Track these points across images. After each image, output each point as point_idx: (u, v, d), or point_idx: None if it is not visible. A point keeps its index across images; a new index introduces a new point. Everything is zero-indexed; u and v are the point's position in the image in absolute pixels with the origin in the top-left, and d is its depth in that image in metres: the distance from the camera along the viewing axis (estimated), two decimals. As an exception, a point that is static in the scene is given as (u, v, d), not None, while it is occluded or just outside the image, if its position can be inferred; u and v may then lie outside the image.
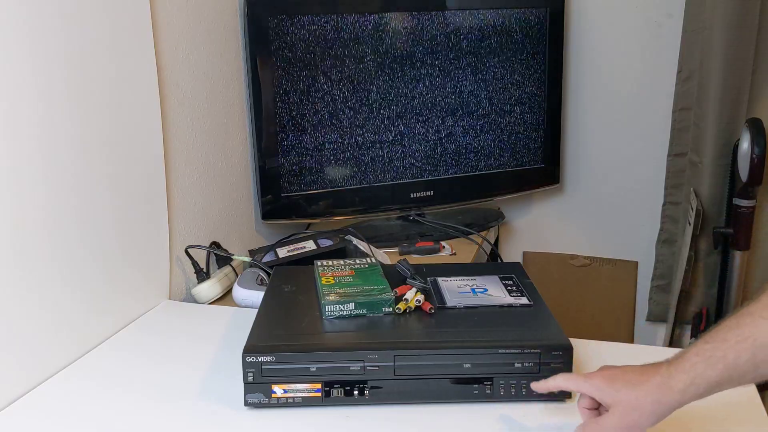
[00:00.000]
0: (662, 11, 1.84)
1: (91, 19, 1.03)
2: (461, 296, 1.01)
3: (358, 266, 1.10)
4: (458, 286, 1.05)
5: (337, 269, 1.09)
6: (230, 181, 1.51)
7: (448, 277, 1.08)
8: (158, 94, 1.20)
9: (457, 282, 1.06)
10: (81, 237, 1.04)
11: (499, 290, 1.04)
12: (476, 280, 1.07)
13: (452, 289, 1.04)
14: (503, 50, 1.71)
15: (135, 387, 0.96)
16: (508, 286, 1.05)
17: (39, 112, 0.95)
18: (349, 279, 1.04)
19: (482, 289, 1.03)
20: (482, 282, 1.07)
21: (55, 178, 0.99)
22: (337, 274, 1.07)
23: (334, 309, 0.96)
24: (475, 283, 1.06)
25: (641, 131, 1.92)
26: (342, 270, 1.09)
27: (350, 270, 1.08)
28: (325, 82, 1.55)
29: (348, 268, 1.10)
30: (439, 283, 1.06)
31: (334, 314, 0.95)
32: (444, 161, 1.71)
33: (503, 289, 1.04)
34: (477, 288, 1.04)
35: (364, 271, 1.08)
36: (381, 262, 1.13)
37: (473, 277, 1.08)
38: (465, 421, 0.86)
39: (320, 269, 1.09)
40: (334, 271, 1.08)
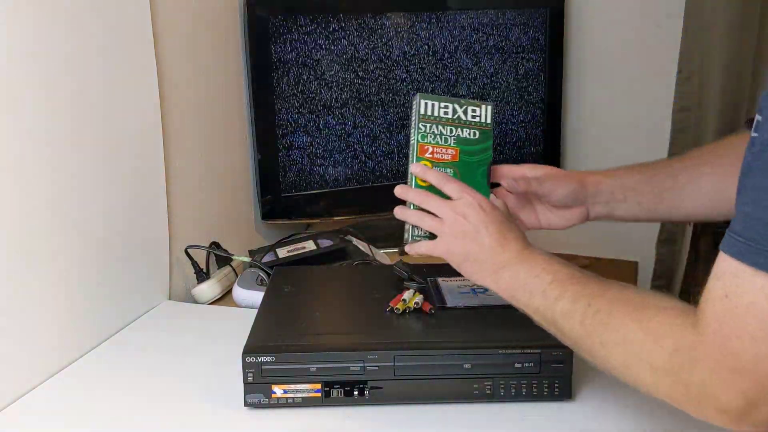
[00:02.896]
0: (662, 11, 1.84)
1: (90, 19, 1.03)
2: (461, 296, 1.01)
3: (464, 134, 0.92)
4: (458, 286, 1.04)
5: (441, 138, 0.90)
6: (230, 181, 1.51)
7: (448, 278, 1.07)
8: (158, 94, 1.20)
9: (457, 282, 1.06)
10: (80, 237, 1.04)
11: None
12: None
13: (452, 290, 1.03)
14: (503, 50, 1.71)
15: (135, 387, 0.96)
16: None
17: (39, 112, 0.95)
18: (450, 172, 0.89)
19: (482, 289, 1.03)
20: None
21: (54, 178, 0.99)
22: (438, 151, 0.89)
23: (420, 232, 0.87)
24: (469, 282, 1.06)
25: (641, 131, 1.92)
26: (444, 140, 0.90)
27: (455, 145, 0.90)
28: (325, 82, 1.55)
29: (454, 138, 0.91)
30: (438, 283, 1.06)
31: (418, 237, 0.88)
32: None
33: None
34: (477, 288, 1.04)
35: (470, 155, 0.91)
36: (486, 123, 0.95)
37: None
38: (465, 421, 0.86)
39: (421, 125, 0.89)
40: (436, 140, 0.90)
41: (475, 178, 0.89)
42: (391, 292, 1.00)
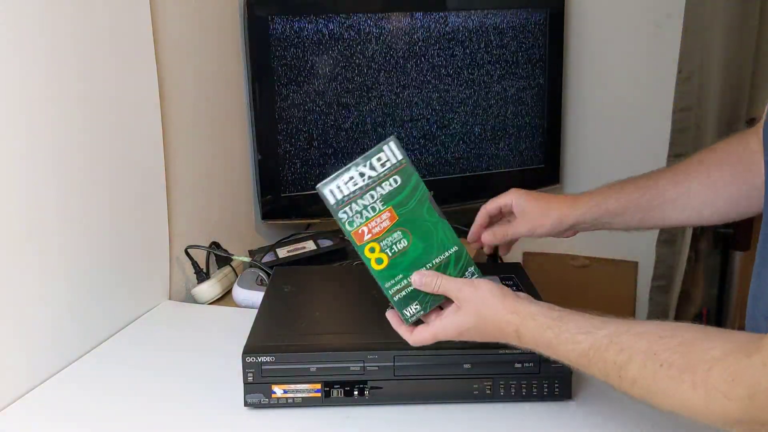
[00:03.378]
0: (662, 11, 1.84)
1: (90, 19, 1.03)
2: None
3: (385, 189, 0.79)
4: None
5: (368, 210, 0.79)
6: (230, 181, 1.51)
7: None
8: (158, 94, 1.20)
9: None
10: (80, 237, 1.04)
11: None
12: None
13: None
14: (503, 50, 1.71)
15: (135, 387, 0.96)
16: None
17: (38, 113, 0.95)
18: (398, 238, 0.79)
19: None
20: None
21: (53, 179, 0.99)
22: (374, 225, 0.79)
23: (414, 310, 0.80)
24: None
25: (641, 131, 1.92)
26: (372, 209, 0.79)
27: (385, 207, 0.79)
28: (325, 82, 1.55)
29: (379, 200, 0.79)
30: None
31: (417, 316, 0.80)
32: (444, 161, 1.71)
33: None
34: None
35: (405, 206, 0.79)
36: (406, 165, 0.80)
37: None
38: (465, 421, 0.86)
39: (341, 214, 0.79)
40: (365, 217, 0.79)
41: (424, 222, 0.79)
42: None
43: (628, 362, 0.65)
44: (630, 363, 0.65)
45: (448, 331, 0.77)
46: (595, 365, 0.68)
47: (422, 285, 0.78)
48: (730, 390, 0.58)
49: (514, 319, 0.73)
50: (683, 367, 0.61)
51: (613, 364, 0.66)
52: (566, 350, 0.70)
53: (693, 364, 0.60)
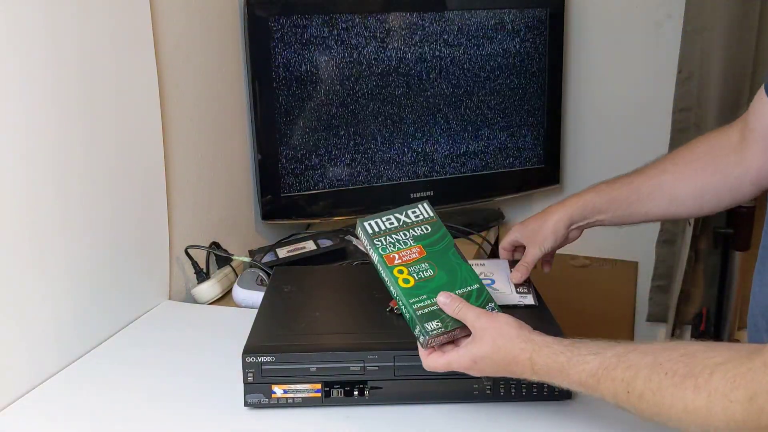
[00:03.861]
0: (662, 11, 1.84)
1: (91, 19, 1.03)
2: None
3: (417, 232, 0.91)
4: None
5: (400, 243, 0.89)
6: (230, 181, 1.51)
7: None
8: (158, 94, 1.20)
9: None
10: (80, 237, 1.04)
11: (506, 284, 1.03)
12: (485, 266, 1.06)
13: None
14: (503, 50, 1.71)
15: (135, 387, 0.96)
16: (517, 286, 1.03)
17: (38, 113, 0.95)
18: (425, 267, 0.87)
19: (489, 280, 1.02)
20: (491, 269, 1.05)
21: (53, 179, 0.99)
22: (404, 254, 0.88)
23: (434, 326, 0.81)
24: (483, 271, 1.04)
25: (641, 131, 1.92)
26: (404, 243, 0.89)
27: (416, 244, 0.89)
28: (324, 82, 1.55)
29: (411, 238, 0.90)
30: None
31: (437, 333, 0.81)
32: (444, 161, 1.71)
33: (510, 283, 1.03)
34: (484, 277, 1.02)
35: (433, 246, 0.90)
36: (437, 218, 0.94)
37: (482, 263, 1.07)
38: (465, 421, 0.86)
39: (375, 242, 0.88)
40: (397, 247, 0.88)
41: (449, 261, 0.88)
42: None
43: (635, 378, 0.66)
44: (636, 378, 0.66)
45: (462, 360, 0.79)
46: (604, 384, 0.69)
47: (445, 305, 0.81)
48: (731, 392, 0.59)
49: (528, 347, 0.75)
50: (686, 374, 0.62)
51: (621, 381, 0.67)
52: (577, 372, 0.71)
53: (695, 371, 0.62)
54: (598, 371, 0.70)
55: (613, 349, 0.70)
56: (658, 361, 0.65)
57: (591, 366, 0.70)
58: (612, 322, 2.08)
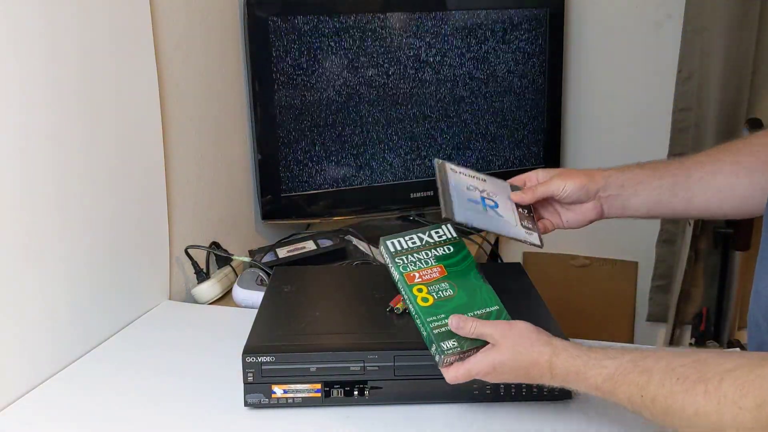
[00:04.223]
0: (662, 11, 1.84)
1: (91, 19, 1.03)
2: (469, 206, 0.91)
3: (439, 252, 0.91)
4: (467, 187, 0.94)
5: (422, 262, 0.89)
6: (230, 181, 1.51)
7: (457, 168, 0.97)
8: (158, 94, 1.20)
9: (468, 179, 0.95)
10: (80, 237, 1.04)
11: (510, 211, 0.94)
12: (486, 183, 0.96)
13: (461, 190, 0.93)
14: (503, 50, 1.71)
15: (135, 387, 0.96)
16: (519, 209, 0.95)
17: (38, 113, 0.95)
18: (445, 287, 0.86)
19: (492, 203, 0.94)
20: (493, 190, 0.96)
21: (53, 179, 0.99)
22: (425, 273, 0.88)
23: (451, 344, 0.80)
24: (485, 189, 0.95)
25: (641, 131, 1.92)
26: (425, 263, 0.89)
27: (437, 264, 0.89)
28: (324, 82, 1.55)
29: (432, 258, 0.89)
30: (448, 173, 0.94)
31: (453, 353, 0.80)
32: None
33: (514, 212, 0.94)
34: (487, 199, 0.94)
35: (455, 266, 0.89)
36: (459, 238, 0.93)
37: (484, 178, 0.97)
38: (465, 421, 0.86)
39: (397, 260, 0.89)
40: (418, 266, 0.88)
41: (470, 282, 0.87)
42: (391, 292, 1.00)
43: (649, 382, 0.67)
44: (650, 383, 0.67)
45: (482, 367, 0.78)
46: (620, 388, 0.69)
47: (458, 329, 0.80)
48: (740, 399, 0.59)
49: (548, 350, 0.75)
50: (697, 380, 0.63)
51: (635, 385, 0.68)
52: (594, 375, 0.72)
53: (706, 376, 0.62)
54: (614, 375, 0.70)
55: (629, 354, 0.71)
56: (671, 366, 0.66)
57: (608, 370, 0.71)
58: (612, 322, 2.08)
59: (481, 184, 0.96)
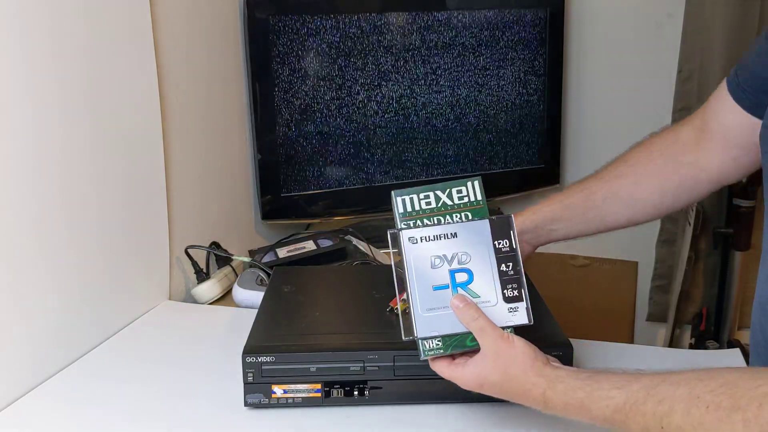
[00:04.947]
0: (662, 11, 1.84)
1: (90, 19, 1.03)
2: (435, 301, 0.76)
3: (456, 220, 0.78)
4: (432, 263, 0.77)
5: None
6: (230, 181, 1.51)
7: (419, 233, 0.78)
8: (158, 94, 1.20)
9: (433, 246, 0.77)
10: (81, 237, 1.04)
11: (489, 276, 0.77)
12: (459, 236, 0.77)
13: (424, 272, 0.77)
14: (503, 50, 1.71)
15: (135, 387, 0.96)
16: (502, 264, 0.77)
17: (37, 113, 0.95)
18: None
19: (465, 277, 0.77)
20: (466, 242, 0.77)
21: (54, 179, 0.99)
22: None
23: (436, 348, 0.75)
24: (456, 251, 0.77)
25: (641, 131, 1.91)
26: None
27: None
28: (324, 82, 1.55)
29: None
30: (405, 248, 0.77)
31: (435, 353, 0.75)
32: (444, 161, 1.71)
33: (494, 274, 0.77)
34: (458, 272, 0.77)
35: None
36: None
37: (454, 231, 0.78)
38: (464, 421, 0.86)
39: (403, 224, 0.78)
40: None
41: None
42: (391, 292, 1.00)
43: (671, 412, 0.61)
44: (672, 412, 0.61)
45: (469, 380, 0.74)
46: (632, 420, 0.64)
47: (458, 309, 0.75)
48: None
49: (541, 382, 0.71)
50: (732, 407, 0.57)
51: (653, 415, 0.62)
52: (600, 407, 0.66)
53: (741, 403, 0.57)
54: (625, 407, 0.64)
55: (638, 382, 0.65)
56: (695, 393, 0.60)
57: (616, 401, 0.65)
58: (612, 322, 2.08)
59: (450, 245, 0.78)
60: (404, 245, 0.77)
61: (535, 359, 0.72)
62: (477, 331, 0.74)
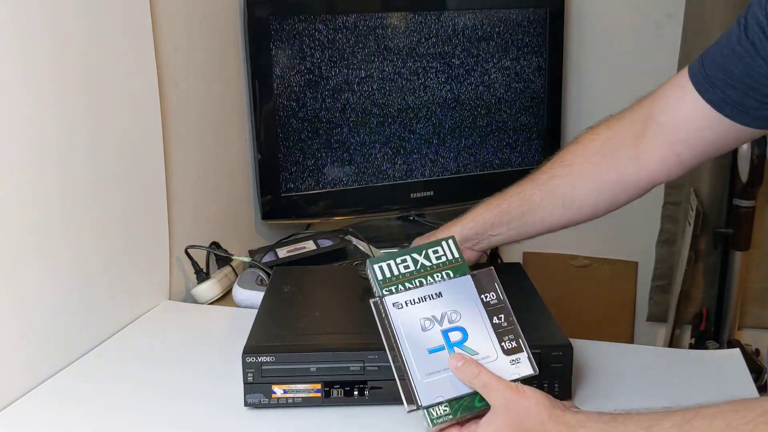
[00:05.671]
0: (662, 11, 1.84)
1: (90, 19, 1.03)
2: (433, 364, 0.72)
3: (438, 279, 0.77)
4: (423, 326, 0.74)
5: None
6: (230, 181, 1.51)
7: (402, 297, 0.75)
8: (158, 94, 1.20)
9: (420, 309, 0.75)
10: (80, 237, 1.04)
11: (483, 329, 0.74)
12: (444, 294, 0.75)
13: (416, 338, 0.74)
14: (503, 50, 1.71)
15: (134, 387, 0.96)
16: (495, 317, 0.75)
17: (37, 113, 0.95)
18: None
19: (459, 336, 0.74)
20: (453, 299, 0.75)
21: (53, 179, 0.99)
22: None
23: (444, 415, 0.71)
24: (445, 310, 0.75)
25: (641, 131, 1.92)
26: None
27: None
28: (324, 82, 1.55)
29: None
30: (391, 316, 0.74)
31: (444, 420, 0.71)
32: (444, 161, 1.71)
33: (488, 327, 0.74)
34: (451, 331, 0.74)
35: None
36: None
37: (439, 291, 0.76)
38: (465, 421, 0.86)
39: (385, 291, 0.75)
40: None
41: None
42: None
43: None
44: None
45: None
46: None
47: (457, 369, 0.70)
48: None
49: (562, 430, 0.66)
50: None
51: None
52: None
53: None
54: None
55: (668, 419, 0.61)
56: (733, 425, 0.57)
57: None
58: (612, 322, 2.08)
59: (437, 305, 0.75)
60: (390, 312, 0.74)
61: (552, 407, 0.67)
62: (482, 388, 0.70)
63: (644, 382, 0.94)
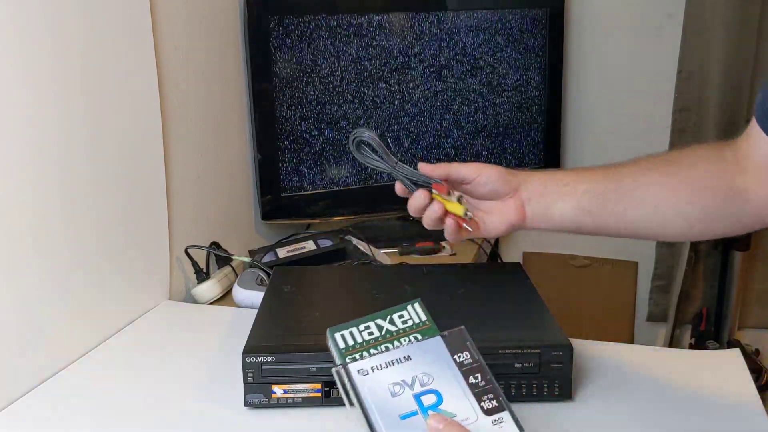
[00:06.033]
0: (662, 12, 1.84)
1: (90, 19, 1.03)
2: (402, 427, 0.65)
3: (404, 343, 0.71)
4: (392, 391, 0.67)
5: None
6: (230, 181, 1.51)
7: (368, 363, 0.68)
8: (158, 94, 1.20)
9: (387, 374, 0.68)
10: (80, 237, 1.04)
11: (459, 391, 0.67)
12: (413, 357, 0.68)
13: (385, 407, 0.67)
14: (503, 50, 1.71)
15: (134, 387, 0.96)
16: (471, 377, 0.67)
17: (37, 113, 0.95)
18: None
19: (434, 398, 0.66)
20: (422, 361, 0.68)
21: (53, 179, 0.99)
22: None
23: None
24: (415, 373, 0.68)
25: (641, 131, 1.92)
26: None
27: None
28: (324, 82, 1.55)
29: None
30: (357, 384, 0.68)
31: None
32: (443, 161, 1.71)
33: (464, 389, 0.67)
34: (424, 395, 0.67)
35: None
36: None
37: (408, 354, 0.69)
38: (465, 421, 0.86)
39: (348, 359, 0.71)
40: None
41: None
42: (391, 292, 1.00)
43: None
44: None
45: None
46: None
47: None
48: None
49: None
50: None
51: None
52: None
53: None
54: None
55: None
56: None
57: None
58: (612, 322, 2.08)
59: (405, 369, 0.68)
60: (355, 379, 0.67)
61: None
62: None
63: (644, 382, 0.94)
